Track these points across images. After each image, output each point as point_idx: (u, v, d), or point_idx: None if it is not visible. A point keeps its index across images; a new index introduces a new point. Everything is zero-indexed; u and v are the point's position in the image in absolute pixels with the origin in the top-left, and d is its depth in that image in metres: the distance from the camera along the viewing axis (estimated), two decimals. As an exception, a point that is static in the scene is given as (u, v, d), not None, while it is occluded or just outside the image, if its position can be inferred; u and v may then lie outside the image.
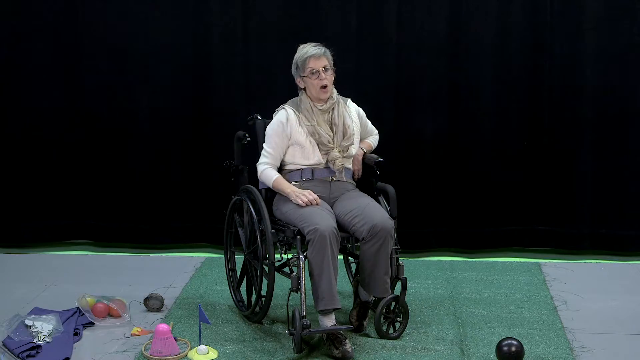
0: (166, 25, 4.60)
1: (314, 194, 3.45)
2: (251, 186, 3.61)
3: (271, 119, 3.69)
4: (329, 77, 3.55)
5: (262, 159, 3.61)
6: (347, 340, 3.28)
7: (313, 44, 3.58)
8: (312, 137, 3.55)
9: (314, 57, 3.53)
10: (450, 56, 4.54)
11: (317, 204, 3.43)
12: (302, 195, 3.43)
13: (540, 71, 4.52)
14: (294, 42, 4.37)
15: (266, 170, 3.58)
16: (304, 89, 3.61)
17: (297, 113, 3.58)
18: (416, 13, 4.51)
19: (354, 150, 3.63)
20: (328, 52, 3.58)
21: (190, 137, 4.70)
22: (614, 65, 4.47)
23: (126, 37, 4.62)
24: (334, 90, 3.63)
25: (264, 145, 3.62)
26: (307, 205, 3.41)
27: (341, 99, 3.67)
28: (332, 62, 3.59)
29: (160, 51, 4.62)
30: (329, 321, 3.31)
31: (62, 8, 4.61)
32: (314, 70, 3.53)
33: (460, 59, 4.54)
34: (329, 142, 3.55)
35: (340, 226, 3.44)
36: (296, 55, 3.59)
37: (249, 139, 3.74)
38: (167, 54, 4.62)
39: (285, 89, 3.83)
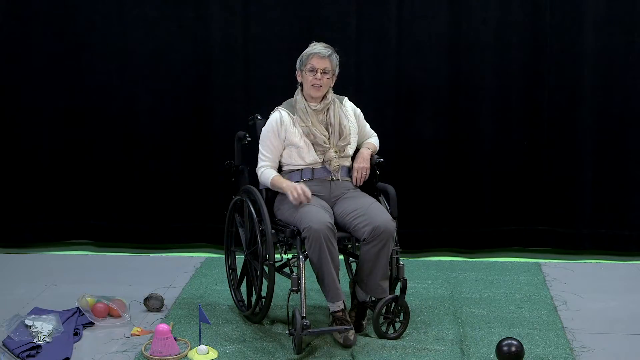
0: (166, 26, 4.59)
1: (305, 188, 3.43)
2: (252, 186, 3.61)
3: (271, 119, 3.70)
4: (325, 80, 3.54)
5: (260, 163, 3.62)
6: (352, 329, 3.33)
7: (325, 44, 3.59)
8: (307, 138, 3.55)
9: (317, 56, 3.53)
10: (450, 56, 4.54)
11: (307, 199, 3.41)
12: (293, 190, 3.42)
13: (540, 71, 4.52)
14: (293, 43, 4.39)
15: (265, 171, 3.60)
16: (301, 84, 3.61)
17: (291, 115, 3.58)
18: (416, 13, 4.51)
19: (350, 150, 3.63)
20: (335, 57, 3.58)
21: (191, 137, 4.71)
22: (614, 66, 4.47)
23: (126, 37, 4.62)
24: (331, 91, 3.63)
25: (260, 148, 3.63)
26: (297, 201, 3.40)
27: (337, 98, 3.67)
28: (335, 67, 3.59)
29: (161, 51, 4.62)
30: (336, 306, 3.37)
31: (63, 8, 4.60)
32: (313, 68, 3.53)
33: (460, 59, 4.54)
34: (325, 143, 3.54)
35: (341, 226, 3.45)
36: (305, 50, 3.59)
37: (249, 139, 3.74)
38: (167, 54, 4.62)
39: (285, 89, 3.82)
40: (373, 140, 3.79)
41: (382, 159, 3.70)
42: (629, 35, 4.44)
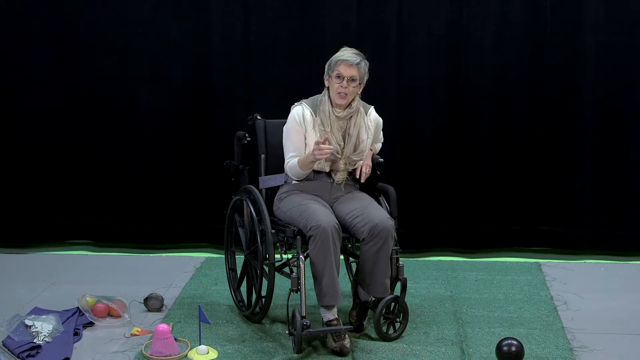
0: (166, 25, 4.60)
1: (327, 146, 3.34)
2: (251, 186, 3.61)
3: (271, 118, 3.69)
4: (351, 88, 3.46)
5: (286, 158, 3.56)
6: (347, 336, 3.30)
7: (355, 50, 3.51)
8: None
9: (345, 63, 3.45)
10: (450, 56, 4.54)
11: (329, 147, 3.34)
12: (317, 151, 3.32)
13: (540, 71, 4.52)
14: (294, 42, 4.39)
15: (291, 162, 3.53)
16: (328, 88, 3.56)
17: (313, 115, 3.52)
18: (416, 13, 4.51)
19: (360, 163, 3.60)
20: (363, 64, 3.48)
21: (190, 137, 4.71)
22: (614, 65, 4.47)
23: (126, 37, 4.62)
24: (358, 99, 3.55)
25: (284, 143, 3.57)
26: (327, 153, 3.33)
27: (362, 107, 3.59)
28: (364, 75, 3.50)
29: (161, 51, 4.62)
30: (331, 314, 3.33)
31: (62, 8, 4.61)
32: (340, 75, 3.47)
33: (460, 59, 4.54)
34: (337, 153, 3.51)
35: (341, 226, 3.44)
36: (335, 54, 3.53)
37: (249, 138, 3.74)
38: (167, 54, 4.62)
39: (285, 89, 3.83)
40: (376, 145, 3.77)
41: (382, 159, 3.70)
42: (629, 35, 4.44)
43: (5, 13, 4.61)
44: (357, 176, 3.59)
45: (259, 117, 3.76)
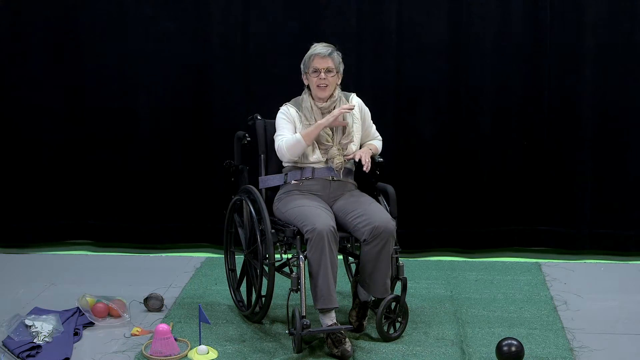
0: (166, 26, 4.60)
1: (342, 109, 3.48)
2: (251, 186, 3.61)
3: (271, 118, 3.70)
4: (329, 79, 3.54)
5: (277, 141, 3.57)
6: (347, 340, 3.28)
7: (325, 44, 3.58)
8: None
9: (318, 56, 3.53)
10: (450, 56, 4.54)
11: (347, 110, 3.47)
12: (336, 115, 3.47)
13: (540, 71, 4.52)
14: (293, 42, 4.40)
15: (285, 139, 3.54)
16: (308, 87, 3.61)
17: (298, 112, 3.58)
18: (416, 13, 4.51)
19: (353, 147, 3.62)
20: (336, 55, 3.57)
21: (190, 137, 4.71)
22: (614, 65, 4.48)
23: (126, 38, 4.62)
24: (338, 89, 3.62)
25: (277, 130, 3.60)
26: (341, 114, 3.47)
27: (344, 95, 3.66)
28: (339, 65, 3.58)
29: (161, 51, 4.62)
30: (329, 319, 3.32)
31: (63, 9, 4.61)
32: (316, 69, 3.53)
33: (460, 59, 4.54)
34: (327, 141, 3.55)
35: (341, 226, 3.44)
36: (307, 53, 3.59)
37: (249, 138, 3.74)
38: (167, 55, 4.62)
39: (285, 89, 3.82)
40: (375, 142, 3.77)
41: (382, 159, 3.70)
42: (629, 35, 4.44)
43: (5, 13, 4.61)
44: (351, 157, 3.57)
45: (259, 117, 3.77)
